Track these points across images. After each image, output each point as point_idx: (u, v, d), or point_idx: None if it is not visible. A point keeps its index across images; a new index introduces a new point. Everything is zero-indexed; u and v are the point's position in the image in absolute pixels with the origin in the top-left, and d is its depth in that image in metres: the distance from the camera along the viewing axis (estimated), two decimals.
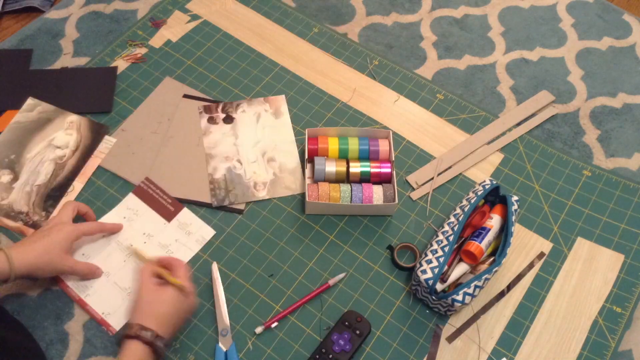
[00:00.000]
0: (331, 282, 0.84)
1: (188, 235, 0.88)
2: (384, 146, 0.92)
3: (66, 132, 0.97)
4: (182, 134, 0.98)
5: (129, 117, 1.00)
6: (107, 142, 0.96)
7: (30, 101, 1.00)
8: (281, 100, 1.02)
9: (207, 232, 0.88)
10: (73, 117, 0.99)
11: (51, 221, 0.81)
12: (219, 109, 1.00)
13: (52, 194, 0.91)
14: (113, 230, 0.87)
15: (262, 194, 0.92)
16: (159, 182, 0.92)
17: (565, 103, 1.05)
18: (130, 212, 0.90)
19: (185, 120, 0.99)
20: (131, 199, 0.91)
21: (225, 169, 0.94)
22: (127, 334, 0.69)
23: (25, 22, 1.16)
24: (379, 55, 1.10)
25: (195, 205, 0.91)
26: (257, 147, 0.96)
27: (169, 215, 0.89)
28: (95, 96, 1.02)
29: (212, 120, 0.98)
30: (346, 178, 0.91)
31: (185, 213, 0.90)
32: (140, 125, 0.99)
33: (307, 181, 0.92)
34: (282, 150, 0.96)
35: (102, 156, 0.95)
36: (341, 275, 0.85)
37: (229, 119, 0.98)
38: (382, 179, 0.91)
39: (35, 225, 0.88)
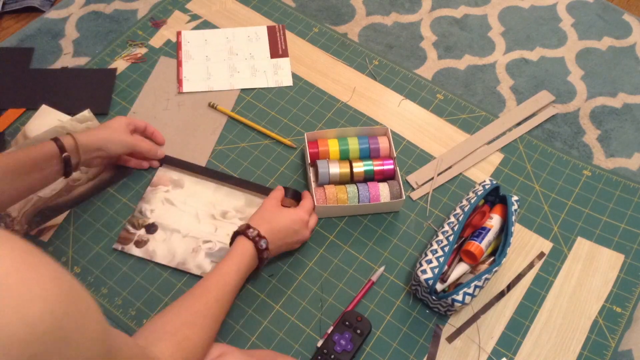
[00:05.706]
0: (374, 277, 0.84)
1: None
2: (383, 143, 0.92)
3: None
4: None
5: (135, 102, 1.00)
6: None
7: (86, 113, 0.98)
8: None
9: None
10: None
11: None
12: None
13: (45, 212, 0.87)
14: (157, 141, 0.96)
15: None
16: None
17: (565, 103, 1.05)
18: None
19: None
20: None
21: None
22: (237, 230, 0.78)
23: (25, 22, 1.16)
24: (379, 55, 1.10)
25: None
26: None
27: None
28: (94, 97, 1.01)
29: None
30: (350, 178, 0.91)
31: None
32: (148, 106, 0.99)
33: (312, 185, 0.91)
34: None
35: None
36: (381, 270, 0.85)
37: None
38: (386, 176, 0.91)
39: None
